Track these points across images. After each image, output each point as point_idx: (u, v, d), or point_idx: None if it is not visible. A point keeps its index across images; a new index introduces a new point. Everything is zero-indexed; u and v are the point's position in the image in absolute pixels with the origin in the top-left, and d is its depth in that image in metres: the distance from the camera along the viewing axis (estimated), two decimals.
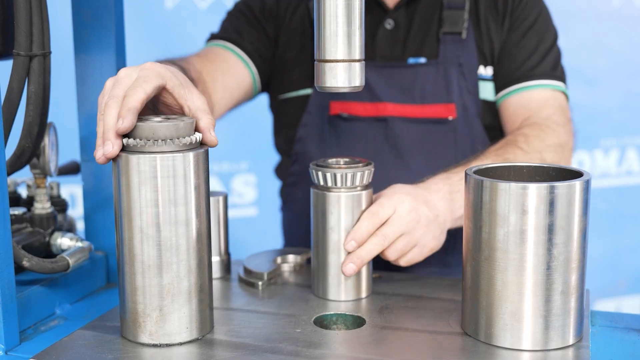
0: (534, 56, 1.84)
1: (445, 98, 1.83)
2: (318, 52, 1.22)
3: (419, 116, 1.84)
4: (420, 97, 1.83)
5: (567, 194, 1.13)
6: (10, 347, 1.20)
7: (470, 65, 1.84)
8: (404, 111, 1.84)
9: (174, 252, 1.17)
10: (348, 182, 1.36)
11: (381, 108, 1.83)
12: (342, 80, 1.22)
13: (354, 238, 1.36)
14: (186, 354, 1.17)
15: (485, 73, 1.85)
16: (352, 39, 1.21)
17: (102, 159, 1.14)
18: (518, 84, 1.83)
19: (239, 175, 3.54)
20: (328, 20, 1.20)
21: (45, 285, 1.35)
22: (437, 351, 1.18)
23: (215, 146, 1.22)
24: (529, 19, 1.86)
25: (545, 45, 1.86)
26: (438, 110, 1.83)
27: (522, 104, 1.82)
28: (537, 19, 1.87)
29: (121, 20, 1.51)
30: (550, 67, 1.84)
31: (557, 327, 1.16)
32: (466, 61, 1.84)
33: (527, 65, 1.83)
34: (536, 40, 1.85)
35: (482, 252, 1.18)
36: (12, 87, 1.26)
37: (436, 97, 1.83)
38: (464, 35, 1.84)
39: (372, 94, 1.84)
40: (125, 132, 1.13)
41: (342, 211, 1.37)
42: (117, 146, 1.13)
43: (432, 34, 1.86)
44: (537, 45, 1.85)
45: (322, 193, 1.37)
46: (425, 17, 1.88)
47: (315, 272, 1.41)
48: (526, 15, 1.86)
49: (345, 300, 1.39)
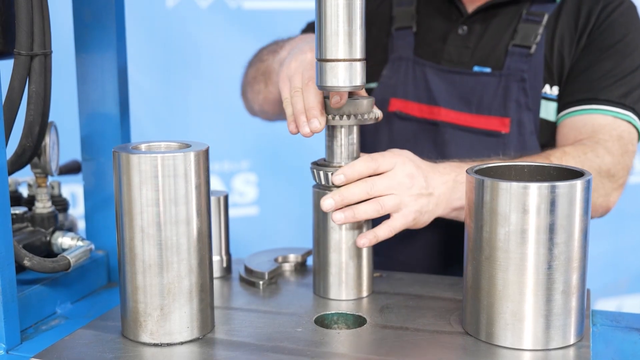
0: (604, 79, 1.71)
1: (501, 111, 1.76)
2: (319, 51, 1.22)
3: (471, 125, 1.78)
4: (477, 106, 1.78)
5: (568, 193, 1.13)
6: (12, 346, 1.21)
7: (533, 81, 1.75)
8: (458, 118, 1.79)
9: (174, 251, 1.17)
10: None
11: (435, 112, 1.80)
12: (343, 80, 1.23)
13: (344, 172, 1.33)
14: (187, 353, 1.17)
15: (551, 92, 1.75)
16: (353, 38, 1.21)
17: (310, 134, 1.33)
18: (578, 105, 1.71)
19: (240, 175, 3.54)
20: (329, 19, 1.20)
21: (46, 285, 1.35)
22: (438, 350, 1.18)
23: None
24: (610, 40, 1.73)
25: (622, 69, 1.72)
26: (492, 122, 1.77)
27: (577, 126, 1.70)
28: (620, 41, 1.73)
29: (122, 20, 1.51)
30: (620, 94, 1.70)
31: (558, 327, 1.16)
32: (530, 77, 1.75)
33: (593, 88, 1.71)
34: (612, 63, 1.72)
35: (483, 251, 1.18)
36: (13, 86, 1.26)
37: (492, 109, 1.77)
38: (533, 50, 1.75)
39: (430, 96, 1.81)
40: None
41: None
42: (323, 122, 1.33)
43: (502, 45, 1.79)
44: (612, 68, 1.71)
45: (323, 192, 1.37)
46: (501, 27, 1.81)
47: (316, 271, 1.41)
48: (607, 36, 1.73)
49: (346, 299, 1.39)
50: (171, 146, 1.24)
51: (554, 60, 1.75)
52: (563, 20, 1.77)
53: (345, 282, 1.38)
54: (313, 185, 1.41)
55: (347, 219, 1.34)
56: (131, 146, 1.21)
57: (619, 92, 1.69)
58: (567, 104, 1.73)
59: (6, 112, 1.25)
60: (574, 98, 1.72)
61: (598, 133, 1.66)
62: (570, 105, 1.72)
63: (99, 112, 1.51)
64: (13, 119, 1.26)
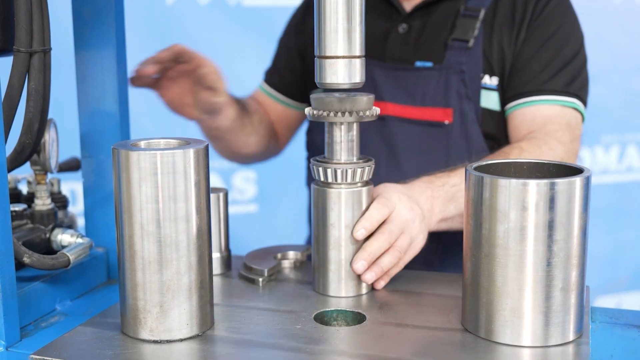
0: (547, 69, 1.80)
1: (443, 102, 1.85)
2: (318, 48, 1.22)
3: (416, 118, 1.86)
4: (420, 99, 1.85)
5: (568, 190, 1.13)
6: (11, 343, 1.21)
7: (472, 73, 1.84)
8: (403, 112, 1.87)
9: (174, 248, 1.17)
10: (348, 178, 1.36)
11: (382, 107, 1.85)
12: (343, 77, 1.23)
13: (365, 227, 1.35)
14: (186, 350, 1.17)
15: (490, 83, 1.84)
16: (353, 35, 1.21)
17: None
18: (525, 97, 1.80)
19: (240, 172, 3.54)
20: (328, 16, 1.20)
21: (45, 282, 1.35)
22: (438, 347, 1.18)
23: None
24: (548, 30, 1.82)
25: (562, 58, 1.81)
26: (435, 113, 1.85)
27: (527, 118, 1.79)
28: (558, 31, 1.83)
29: (121, 17, 1.51)
30: (564, 83, 1.80)
31: (557, 324, 1.16)
32: (469, 69, 1.83)
33: (538, 79, 1.80)
34: (552, 53, 1.81)
35: (482, 248, 1.18)
36: (12, 83, 1.26)
37: (435, 100, 1.85)
38: (471, 43, 1.83)
39: (377, 92, 1.87)
40: None
41: (343, 207, 1.37)
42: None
43: (441, 40, 1.87)
44: (552, 58, 1.81)
45: (322, 189, 1.37)
46: (439, 23, 1.89)
47: (315, 269, 1.42)
48: (545, 27, 1.83)
49: (346, 296, 1.39)
50: (170, 143, 1.24)
51: (493, 52, 1.84)
52: (500, 14, 1.86)
53: (345, 279, 1.39)
54: (313, 181, 1.41)
55: (377, 274, 1.38)
56: (130, 143, 1.21)
57: (562, 81, 1.79)
58: (514, 96, 1.82)
59: (5, 109, 1.25)
60: (520, 90, 1.81)
61: (548, 124, 1.76)
62: (518, 97, 1.82)
63: (98, 109, 1.51)
64: (12, 116, 1.26)
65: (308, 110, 1.35)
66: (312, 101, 1.36)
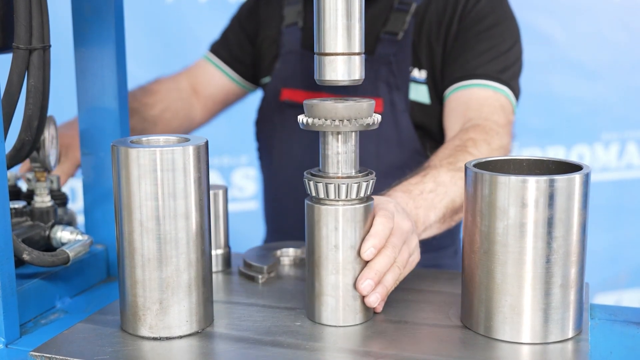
0: (480, 58, 1.86)
1: (374, 92, 1.92)
2: (318, 45, 1.21)
3: None
4: (353, 90, 1.91)
5: (567, 187, 1.13)
6: (11, 340, 1.21)
7: (401, 64, 1.92)
8: None
9: (173, 245, 1.17)
10: (342, 195, 1.21)
11: (316, 96, 1.91)
12: (342, 74, 1.21)
13: (374, 245, 1.21)
14: (186, 347, 1.17)
15: (419, 76, 1.92)
16: (352, 32, 1.20)
17: None
18: (459, 82, 1.86)
19: (239, 169, 3.55)
20: (327, 13, 1.19)
21: (45, 279, 1.36)
22: (437, 344, 1.18)
23: None
24: (482, 25, 1.88)
25: (497, 50, 1.87)
26: None
27: (462, 100, 1.84)
28: (493, 27, 1.88)
29: (121, 14, 1.51)
30: (496, 70, 1.85)
31: (556, 320, 1.17)
32: (397, 60, 1.92)
33: (471, 65, 1.86)
34: (486, 45, 1.87)
35: (481, 245, 1.18)
36: (11, 80, 1.26)
37: (366, 91, 1.93)
38: (400, 36, 1.92)
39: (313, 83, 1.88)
40: None
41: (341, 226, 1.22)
42: None
43: (375, 33, 1.95)
44: (487, 49, 1.86)
45: (317, 206, 1.22)
46: (374, 17, 1.96)
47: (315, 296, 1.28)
48: (479, 22, 1.88)
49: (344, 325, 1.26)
50: (170, 140, 1.24)
51: (421, 46, 1.92)
52: (432, 9, 1.93)
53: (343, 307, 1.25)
54: (306, 197, 1.26)
55: (382, 296, 1.24)
56: (130, 140, 1.21)
57: (495, 69, 1.85)
58: (448, 84, 1.88)
59: (5, 106, 1.25)
60: (453, 77, 1.87)
61: (483, 106, 1.80)
62: (451, 83, 1.87)
63: (98, 106, 1.51)
64: (12, 113, 1.26)
65: (302, 119, 1.23)
66: (305, 108, 1.23)
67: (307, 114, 1.22)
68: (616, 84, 3.78)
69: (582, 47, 3.66)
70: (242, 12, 2.26)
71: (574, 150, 3.81)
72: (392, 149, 1.90)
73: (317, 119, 1.20)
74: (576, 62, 3.66)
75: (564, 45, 1.88)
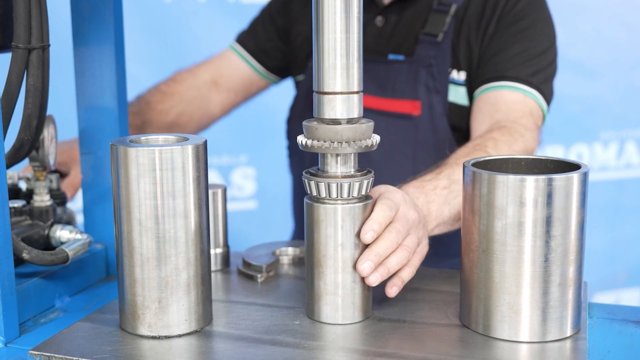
0: (512, 60, 1.84)
1: (412, 95, 1.90)
2: (316, 84, 1.21)
3: (386, 109, 1.92)
4: (391, 91, 1.91)
5: (565, 186, 1.13)
6: (10, 339, 1.21)
7: (441, 67, 1.89)
8: (374, 103, 1.93)
9: (172, 244, 1.17)
10: (344, 194, 1.22)
11: None
12: (341, 112, 1.21)
13: (373, 229, 1.22)
14: (185, 345, 1.18)
15: (458, 77, 1.90)
16: (350, 72, 1.20)
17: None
18: (488, 83, 1.84)
19: (239, 169, 3.55)
20: (327, 53, 1.19)
21: (44, 278, 1.36)
22: (436, 343, 1.18)
23: None
24: (518, 27, 1.86)
25: (530, 53, 1.84)
26: (404, 105, 1.90)
27: (491, 102, 1.82)
28: (528, 28, 1.86)
29: (120, 13, 1.51)
30: (528, 73, 1.82)
31: (554, 319, 1.17)
32: (437, 63, 1.89)
33: (503, 66, 1.84)
34: (520, 47, 1.85)
35: (480, 244, 1.18)
36: (10, 79, 1.26)
37: (404, 93, 1.91)
38: (440, 38, 1.89)
39: None
40: None
41: (340, 225, 1.23)
42: None
43: (413, 34, 1.94)
44: (520, 52, 1.84)
45: (316, 205, 1.23)
46: (413, 17, 1.95)
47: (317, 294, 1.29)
48: (515, 23, 1.87)
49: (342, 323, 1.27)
50: (169, 139, 1.24)
51: (460, 48, 1.90)
52: (471, 10, 1.91)
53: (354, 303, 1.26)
54: (305, 196, 1.26)
55: (383, 276, 1.23)
56: (129, 139, 1.21)
57: (526, 72, 1.83)
58: (479, 84, 1.87)
59: (4, 105, 1.25)
60: (484, 77, 1.86)
61: (511, 110, 1.78)
62: (482, 83, 1.86)
63: (97, 105, 1.51)
64: (11, 112, 1.26)
65: (301, 140, 1.24)
66: (304, 129, 1.24)
67: (307, 135, 1.24)
68: (615, 83, 3.78)
69: (581, 46, 3.66)
70: (273, 4, 2.23)
71: (572, 149, 3.81)
72: (428, 152, 1.85)
73: (316, 141, 1.22)
74: (575, 61, 3.66)
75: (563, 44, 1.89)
